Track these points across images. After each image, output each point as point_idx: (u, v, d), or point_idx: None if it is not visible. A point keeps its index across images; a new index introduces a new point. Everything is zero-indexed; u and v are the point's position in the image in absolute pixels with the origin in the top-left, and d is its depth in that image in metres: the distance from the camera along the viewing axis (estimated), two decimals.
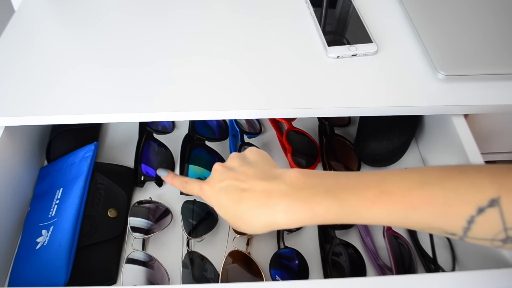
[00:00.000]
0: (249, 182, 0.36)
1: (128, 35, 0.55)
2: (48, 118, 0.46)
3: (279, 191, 0.34)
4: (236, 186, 0.36)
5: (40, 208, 0.50)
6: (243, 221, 0.35)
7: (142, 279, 0.45)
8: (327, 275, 0.47)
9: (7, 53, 0.53)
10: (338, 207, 0.32)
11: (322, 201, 0.32)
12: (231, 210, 0.36)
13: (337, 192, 0.32)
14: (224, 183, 0.37)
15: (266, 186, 0.35)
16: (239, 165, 0.38)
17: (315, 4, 0.58)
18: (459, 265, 0.48)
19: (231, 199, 0.36)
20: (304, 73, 0.50)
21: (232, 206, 0.36)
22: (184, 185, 0.42)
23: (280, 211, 0.33)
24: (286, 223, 0.33)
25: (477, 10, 0.55)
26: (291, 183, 0.34)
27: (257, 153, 0.40)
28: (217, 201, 0.37)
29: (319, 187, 0.33)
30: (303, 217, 0.33)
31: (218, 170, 0.39)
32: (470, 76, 0.48)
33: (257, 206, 0.34)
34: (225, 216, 0.37)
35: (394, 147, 0.55)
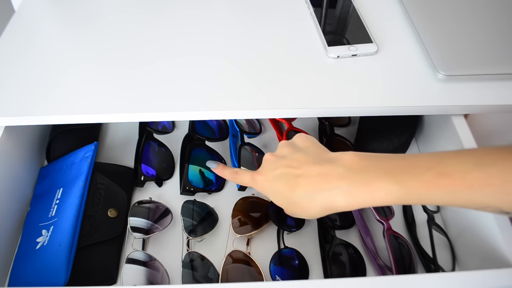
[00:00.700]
0: (303, 168, 0.36)
1: (128, 35, 0.55)
2: (48, 118, 0.46)
3: (336, 174, 0.34)
4: (290, 173, 0.36)
5: (40, 208, 0.50)
6: (301, 206, 0.36)
7: (142, 279, 0.45)
8: (327, 275, 0.47)
9: (7, 53, 0.53)
10: (398, 189, 0.32)
11: (382, 184, 0.33)
12: (288, 197, 0.36)
13: (396, 175, 0.33)
14: (277, 171, 0.37)
15: (321, 170, 0.35)
16: (290, 153, 0.39)
17: (315, 4, 0.58)
18: (459, 265, 0.48)
19: (286, 186, 0.36)
20: (304, 73, 0.50)
21: (288, 192, 0.36)
22: (235, 175, 0.43)
23: (340, 194, 0.33)
24: (345, 206, 0.34)
25: (477, 10, 0.55)
26: (348, 166, 0.34)
27: (306, 139, 0.40)
28: (272, 189, 0.38)
29: (377, 169, 0.34)
30: (363, 200, 0.33)
31: (269, 159, 0.40)
32: (470, 76, 0.48)
33: (314, 190, 0.35)
34: (282, 204, 0.38)
35: (394, 147, 0.55)
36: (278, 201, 0.38)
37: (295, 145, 0.40)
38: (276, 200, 0.38)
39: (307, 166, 0.36)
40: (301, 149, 0.39)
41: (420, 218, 0.52)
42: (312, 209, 0.35)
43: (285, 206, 0.38)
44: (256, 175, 0.40)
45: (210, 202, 0.54)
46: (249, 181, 0.41)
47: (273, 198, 0.39)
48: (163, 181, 0.57)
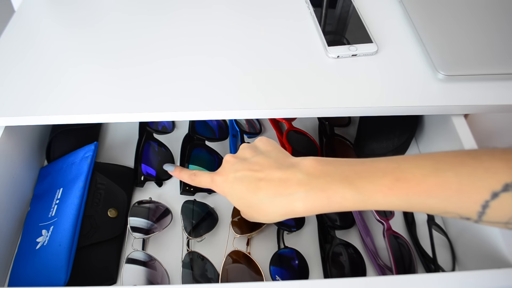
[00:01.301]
0: (265, 171, 0.36)
1: (128, 35, 0.55)
2: (48, 118, 0.46)
3: (296, 179, 0.34)
4: (252, 176, 0.36)
5: (40, 208, 0.50)
6: (260, 210, 0.36)
7: (142, 279, 0.45)
8: (327, 275, 0.47)
9: (7, 53, 0.53)
10: (355, 194, 0.32)
11: (339, 189, 0.33)
12: (248, 200, 0.36)
13: (353, 180, 0.33)
14: (239, 173, 0.37)
15: (282, 175, 0.35)
16: (252, 156, 0.39)
17: (315, 4, 0.58)
18: (459, 265, 0.48)
19: (248, 188, 0.36)
20: (304, 73, 0.50)
21: (249, 195, 0.36)
22: (193, 177, 0.42)
23: (298, 200, 0.34)
24: (303, 211, 0.34)
25: (477, 10, 0.55)
26: (307, 171, 0.34)
27: (268, 143, 0.40)
28: (232, 191, 0.37)
29: (335, 175, 0.34)
30: (320, 205, 0.33)
31: (230, 161, 0.39)
32: (470, 76, 0.48)
33: (274, 195, 0.35)
34: (240, 206, 0.38)
35: (394, 147, 0.55)
36: (237, 203, 0.38)
37: (257, 148, 0.40)
38: (235, 202, 0.38)
39: (269, 170, 0.36)
40: (263, 152, 0.39)
41: (420, 218, 0.52)
42: (271, 213, 0.36)
43: (244, 209, 0.38)
44: (216, 176, 0.40)
45: (210, 202, 0.54)
46: (208, 182, 0.41)
47: (233, 200, 0.38)
48: (163, 181, 0.57)
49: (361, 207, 0.33)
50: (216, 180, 0.40)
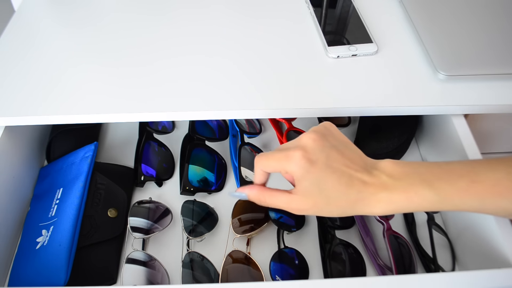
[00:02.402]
0: (356, 170, 0.36)
1: (128, 35, 0.55)
2: (48, 118, 0.46)
3: (381, 182, 0.35)
4: (344, 170, 0.35)
5: (40, 208, 0.50)
6: (338, 204, 0.35)
7: (142, 279, 0.45)
8: (327, 275, 0.47)
9: (7, 53, 0.53)
10: (434, 195, 0.34)
11: (419, 190, 0.34)
12: (333, 191, 0.35)
13: (432, 181, 0.34)
14: (334, 164, 0.35)
15: (369, 176, 0.35)
16: (337, 143, 0.37)
17: (315, 4, 0.58)
18: (459, 265, 0.48)
19: (340, 181, 0.35)
20: (304, 73, 0.50)
21: (339, 188, 0.35)
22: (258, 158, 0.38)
23: (380, 201, 0.34)
24: (382, 211, 0.35)
25: (477, 10, 0.55)
26: (391, 174, 0.35)
27: (339, 131, 0.39)
28: (318, 181, 0.35)
29: (415, 176, 0.35)
30: (400, 206, 0.34)
31: (318, 141, 0.36)
32: (470, 76, 0.48)
33: (360, 194, 0.35)
34: (315, 194, 0.35)
35: (394, 147, 0.55)
36: (313, 189, 0.35)
37: (334, 135, 0.38)
38: (315, 191, 0.35)
39: (359, 169, 0.36)
40: (344, 143, 0.38)
41: (420, 218, 0.52)
42: (347, 208, 0.35)
43: (317, 198, 0.35)
44: (299, 151, 0.35)
45: (210, 202, 0.54)
46: (283, 157, 0.36)
47: (308, 183, 0.35)
48: (163, 181, 0.57)
49: (438, 208, 0.35)
50: (297, 155, 0.35)
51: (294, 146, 0.36)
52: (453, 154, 0.49)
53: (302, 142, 0.36)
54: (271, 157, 0.37)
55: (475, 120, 0.65)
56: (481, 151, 0.46)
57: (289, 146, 0.37)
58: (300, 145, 0.36)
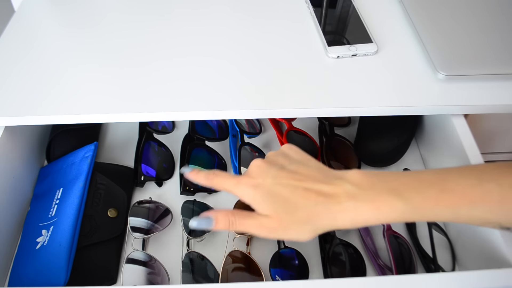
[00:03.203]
0: (310, 182, 0.35)
1: (128, 35, 0.55)
2: (48, 118, 0.46)
3: (344, 191, 0.34)
4: (297, 185, 0.34)
5: (40, 208, 0.50)
6: (301, 218, 0.34)
7: (142, 279, 0.45)
8: (327, 275, 0.47)
9: (7, 53, 0.53)
10: (403, 205, 0.32)
11: (388, 200, 0.33)
12: (289, 204, 0.34)
13: (401, 191, 0.33)
14: (281, 180, 0.35)
15: (330, 187, 0.34)
16: (289, 163, 0.37)
17: (315, 4, 0.58)
18: (459, 265, 0.48)
19: (293, 193, 0.34)
20: (304, 73, 0.50)
21: (293, 199, 0.34)
22: (212, 177, 0.38)
23: (346, 211, 0.33)
24: (350, 223, 0.33)
25: (477, 10, 0.55)
26: (356, 183, 0.34)
27: (301, 152, 0.39)
28: (270, 194, 0.35)
29: (383, 186, 0.34)
30: (368, 217, 0.33)
31: (262, 166, 0.37)
32: (470, 76, 0.48)
33: (322, 203, 0.33)
34: (276, 211, 0.34)
35: (394, 147, 0.55)
36: (271, 208, 0.34)
37: (289, 156, 0.38)
38: (272, 209, 0.34)
39: (314, 181, 0.35)
40: (300, 161, 0.37)
41: None
42: (312, 223, 0.34)
43: (279, 215, 0.34)
44: (244, 178, 0.36)
45: (210, 202, 0.54)
46: (231, 184, 0.37)
47: (267, 207, 0.35)
48: (163, 181, 0.57)
49: (408, 219, 0.33)
50: (243, 182, 0.36)
51: (243, 174, 0.37)
52: (453, 154, 0.49)
53: (249, 170, 0.37)
54: (225, 179, 0.37)
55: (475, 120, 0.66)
56: (481, 151, 0.46)
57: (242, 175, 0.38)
58: (247, 173, 0.37)
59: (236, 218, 0.36)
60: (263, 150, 0.60)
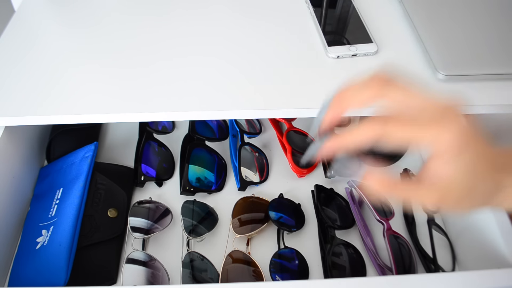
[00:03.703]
0: (497, 157, 0.30)
1: (128, 35, 0.55)
2: (48, 118, 0.46)
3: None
4: (487, 152, 0.29)
5: (40, 208, 0.50)
6: (475, 196, 0.29)
7: (142, 279, 0.45)
8: (327, 275, 0.47)
9: (7, 53, 0.53)
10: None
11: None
12: (476, 176, 0.28)
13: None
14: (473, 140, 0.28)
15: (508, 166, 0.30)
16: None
17: (315, 4, 0.58)
18: (459, 265, 0.48)
19: (485, 164, 0.28)
20: (304, 73, 0.50)
21: (483, 173, 0.28)
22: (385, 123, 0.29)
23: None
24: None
25: (477, 10, 0.55)
26: None
27: None
28: (473, 159, 0.27)
29: None
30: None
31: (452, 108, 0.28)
32: (470, 76, 0.48)
33: (499, 184, 0.30)
34: (462, 181, 0.28)
35: (394, 147, 0.55)
36: (461, 176, 0.27)
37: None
38: (462, 173, 0.27)
39: (499, 157, 0.30)
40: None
41: (420, 218, 0.52)
42: (485, 198, 0.29)
43: (459, 186, 0.27)
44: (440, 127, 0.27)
45: (210, 202, 0.54)
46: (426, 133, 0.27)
47: (460, 167, 0.27)
48: (163, 181, 0.57)
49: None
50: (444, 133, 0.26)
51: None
52: None
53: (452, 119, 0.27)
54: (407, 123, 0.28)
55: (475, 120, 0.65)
56: None
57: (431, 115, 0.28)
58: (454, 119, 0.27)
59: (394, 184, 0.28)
60: (263, 150, 0.60)
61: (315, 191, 0.54)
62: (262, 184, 0.57)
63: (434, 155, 0.28)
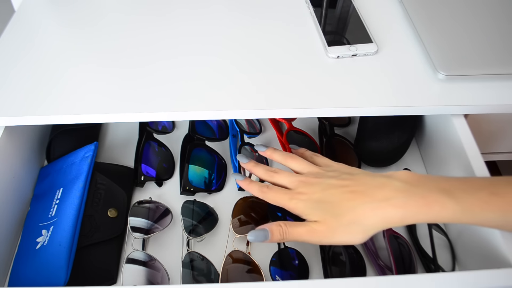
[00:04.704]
0: (355, 185, 0.36)
1: (128, 35, 0.55)
2: (48, 118, 0.46)
3: (393, 186, 0.34)
4: (343, 190, 0.36)
5: (40, 208, 0.50)
6: (351, 218, 0.34)
7: (142, 279, 0.45)
8: (327, 275, 0.47)
9: (7, 53, 0.53)
10: (454, 204, 0.33)
11: (439, 197, 0.33)
12: (341, 206, 0.35)
13: (451, 191, 0.33)
14: (329, 190, 0.37)
15: (378, 182, 0.35)
16: (337, 175, 0.39)
17: (315, 4, 0.58)
18: (459, 265, 0.48)
19: (339, 200, 0.35)
20: (304, 73, 0.50)
21: (344, 201, 0.35)
22: (265, 190, 0.41)
23: (396, 206, 0.33)
24: (400, 219, 0.33)
25: (477, 10, 0.55)
26: (405, 180, 0.34)
27: (344, 165, 0.41)
28: (317, 205, 0.36)
29: (432, 185, 0.34)
30: (419, 213, 0.33)
31: (312, 181, 0.39)
32: (470, 76, 0.48)
33: (372, 201, 0.34)
34: (330, 213, 0.36)
35: (394, 147, 0.55)
36: (323, 213, 0.36)
37: (337, 169, 0.40)
38: (321, 212, 0.36)
39: (360, 183, 0.36)
40: (347, 172, 0.39)
41: None
42: (365, 221, 0.34)
43: (329, 220, 0.35)
44: (296, 194, 0.38)
45: (210, 202, 0.54)
46: (286, 200, 0.39)
47: (318, 210, 0.36)
48: (163, 181, 0.57)
49: (458, 220, 0.33)
50: (296, 197, 0.38)
51: (293, 190, 0.39)
52: (453, 154, 0.49)
53: (297, 184, 0.39)
54: (278, 195, 0.40)
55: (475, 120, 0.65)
56: (481, 151, 0.46)
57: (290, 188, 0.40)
58: (296, 186, 0.39)
59: (288, 227, 0.37)
60: None
61: None
62: None
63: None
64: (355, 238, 0.35)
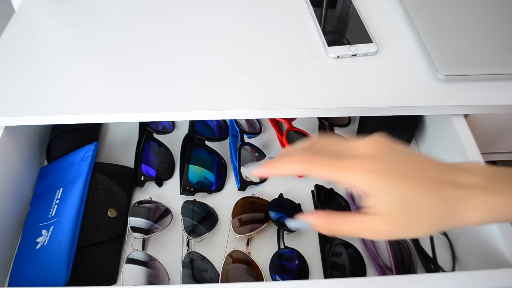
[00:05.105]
0: (436, 171, 0.29)
1: (128, 35, 0.55)
2: (48, 118, 0.46)
3: (471, 183, 0.29)
4: (425, 177, 0.29)
5: (40, 208, 0.50)
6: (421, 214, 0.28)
7: (142, 279, 0.45)
8: (327, 275, 0.47)
9: (7, 53, 0.53)
10: None
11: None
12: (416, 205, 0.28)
13: None
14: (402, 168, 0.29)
15: (455, 176, 0.29)
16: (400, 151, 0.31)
17: (315, 4, 0.58)
18: (459, 265, 0.48)
19: (422, 189, 0.28)
20: (304, 73, 0.50)
21: (421, 197, 0.28)
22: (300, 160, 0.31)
23: (476, 207, 0.28)
24: (478, 219, 0.29)
25: (477, 10, 0.55)
26: (482, 173, 0.29)
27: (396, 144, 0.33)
28: (394, 189, 0.28)
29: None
30: (502, 213, 0.28)
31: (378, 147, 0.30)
32: (470, 76, 0.48)
33: (451, 201, 0.28)
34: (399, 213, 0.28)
35: None
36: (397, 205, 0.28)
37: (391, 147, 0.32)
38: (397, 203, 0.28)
39: (440, 170, 0.29)
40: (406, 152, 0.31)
41: None
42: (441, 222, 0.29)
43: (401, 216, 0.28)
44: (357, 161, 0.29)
45: (210, 202, 0.54)
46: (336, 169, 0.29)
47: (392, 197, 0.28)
48: (163, 181, 0.57)
49: None
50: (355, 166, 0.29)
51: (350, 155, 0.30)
52: (453, 154, 0.49)
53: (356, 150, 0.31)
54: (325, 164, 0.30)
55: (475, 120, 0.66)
56: (481, 151, 0.46)
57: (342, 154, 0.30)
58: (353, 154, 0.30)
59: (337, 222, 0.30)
60: (263, 150, 0.60)
61: (315, 191, 0.54)
62: (262, 184, 0.57)
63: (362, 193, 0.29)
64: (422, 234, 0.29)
